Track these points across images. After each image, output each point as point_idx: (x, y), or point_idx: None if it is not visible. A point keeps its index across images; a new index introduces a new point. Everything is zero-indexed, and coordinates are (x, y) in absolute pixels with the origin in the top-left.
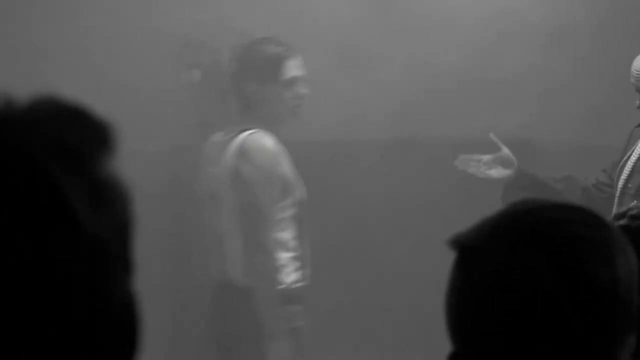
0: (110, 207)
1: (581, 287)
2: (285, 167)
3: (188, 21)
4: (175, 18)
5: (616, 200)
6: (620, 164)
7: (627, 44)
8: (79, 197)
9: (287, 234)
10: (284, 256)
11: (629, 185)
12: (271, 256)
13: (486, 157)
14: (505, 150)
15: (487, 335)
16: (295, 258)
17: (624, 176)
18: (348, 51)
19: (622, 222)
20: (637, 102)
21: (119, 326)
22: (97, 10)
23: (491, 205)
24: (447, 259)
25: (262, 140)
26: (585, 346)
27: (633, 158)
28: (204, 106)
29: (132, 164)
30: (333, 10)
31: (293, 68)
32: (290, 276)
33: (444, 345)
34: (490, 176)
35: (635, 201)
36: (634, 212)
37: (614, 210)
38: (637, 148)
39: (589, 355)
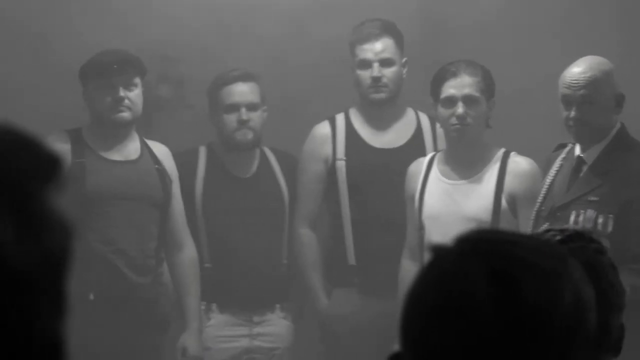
0: (41, 241)
1: (510, 305)
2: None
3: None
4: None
5: (532, 223)
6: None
7: None
8: (3, 229)
9: None
10: None
11: (543, 208)
12: None
13: None
14: None
15: (421, 340)
16: None
17: (539, 200)
18: None
19: None
20: (564, 114)
21: None
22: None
23: None
24: None
25: None
26: None
27: (547, 181)
28: None
29: None
30: None
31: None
32: None
33: None
34: None
35: (547, 224)
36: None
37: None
38: (551, 172)
39: None
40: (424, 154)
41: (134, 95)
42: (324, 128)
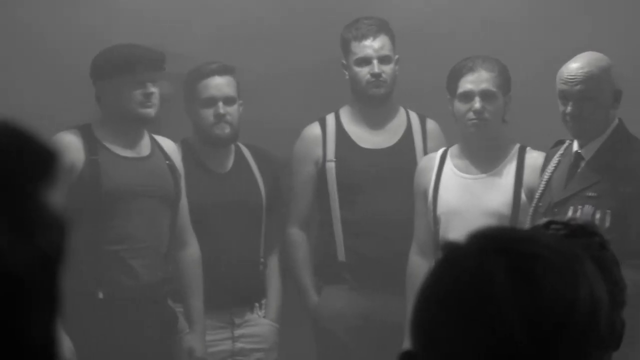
0: (35, 242)
1: (530, 301)
2: None
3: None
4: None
5: (529, 218)
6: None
7: None
8: None
9: None
10: None
11: (540, 203)
12: None
13: None
14: None
15: (437, 338)
16: None
17: (537, 195)
18: None
19: None
20: (562, 109)
21: None
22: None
23: None
24: None
25: None
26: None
27: (545, 177)
28: None
29: None
30: None
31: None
32: None
33: None
34: None
35: (544, 219)
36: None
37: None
38: (549, 168)
39: None
40: (413, 154)
41: (158, 91)
42: (314, 129)
